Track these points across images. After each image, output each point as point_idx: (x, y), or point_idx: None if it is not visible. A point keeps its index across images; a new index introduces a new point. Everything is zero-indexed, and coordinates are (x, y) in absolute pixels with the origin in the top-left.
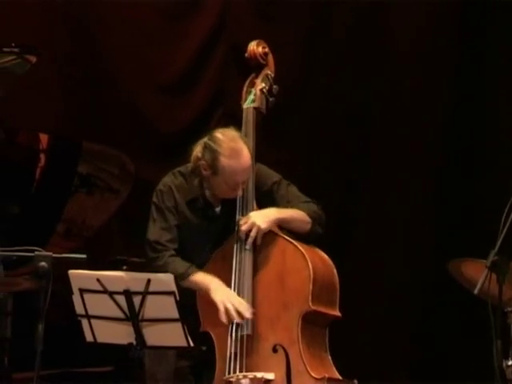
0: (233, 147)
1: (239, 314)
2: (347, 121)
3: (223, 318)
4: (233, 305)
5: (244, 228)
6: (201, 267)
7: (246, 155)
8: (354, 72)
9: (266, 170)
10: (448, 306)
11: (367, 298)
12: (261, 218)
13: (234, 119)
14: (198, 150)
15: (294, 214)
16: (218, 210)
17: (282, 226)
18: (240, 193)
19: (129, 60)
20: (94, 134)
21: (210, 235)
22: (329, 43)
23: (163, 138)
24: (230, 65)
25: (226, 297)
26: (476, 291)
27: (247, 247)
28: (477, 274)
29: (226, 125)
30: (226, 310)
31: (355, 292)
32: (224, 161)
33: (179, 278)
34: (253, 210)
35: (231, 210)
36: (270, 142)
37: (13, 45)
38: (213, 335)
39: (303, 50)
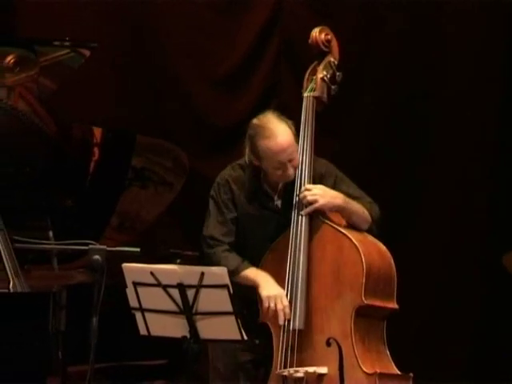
0: (267, 127)
1: (277, 316)
2: (401, 114)
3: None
4: (275, 306)
5: (309, 198)
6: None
7: (282, 133)
8: (407, 67)
9: (326, 164)
10: (503, 301)
11: (420, 294)
12: (326, 197)
13: (288, 112)
14: (245, 145)
15: (358, 208)
16: (278, 203)
17: (342, 215)
18: (291, 173)
19: (183, 54)
20: (149, 128)
21: (270, 227)
22: (383, 38)
23: (217, 131)
24: (284, 58)
25: (272, 295)
26: None
27: (304, 216)
28: None
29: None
30: (268, 309)
31: (408, 289)
32: (262, 143)
33: (231, 275)
34: None
35: (291, 204)
36: (324, 133)
37: (66, 38)
38: (271, 327)
39: (357, 44)
